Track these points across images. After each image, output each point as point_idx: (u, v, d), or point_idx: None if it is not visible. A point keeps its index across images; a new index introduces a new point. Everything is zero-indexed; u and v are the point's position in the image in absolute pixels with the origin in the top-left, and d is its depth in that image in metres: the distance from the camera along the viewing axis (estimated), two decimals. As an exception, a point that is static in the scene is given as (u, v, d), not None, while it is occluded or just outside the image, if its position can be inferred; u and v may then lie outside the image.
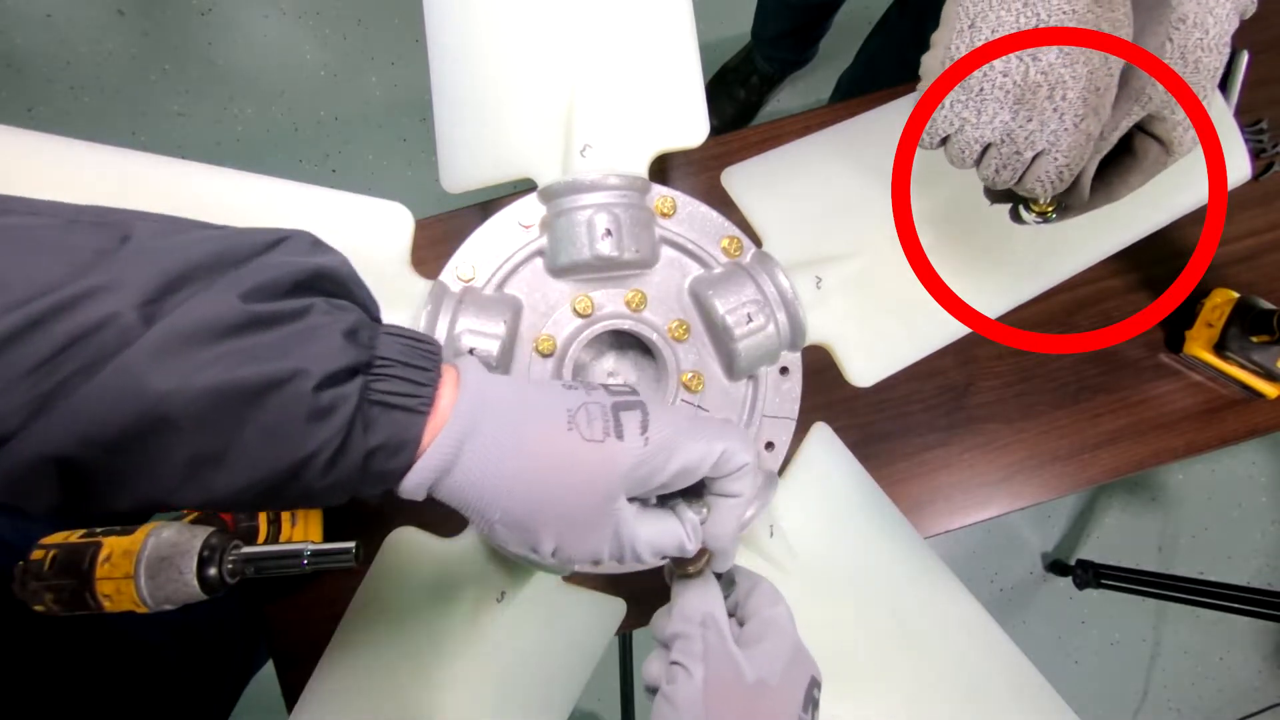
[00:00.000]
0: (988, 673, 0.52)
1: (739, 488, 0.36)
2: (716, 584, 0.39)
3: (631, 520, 0.34)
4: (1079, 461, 0.73)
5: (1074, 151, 0.37)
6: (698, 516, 0.37)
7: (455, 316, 0.46)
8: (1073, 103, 0.36)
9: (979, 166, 0.40)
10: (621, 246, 0.47)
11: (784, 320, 0.49)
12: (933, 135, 0.40)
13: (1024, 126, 0.37)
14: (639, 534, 0.35)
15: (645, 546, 0.35)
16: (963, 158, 0.40)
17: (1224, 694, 1.62)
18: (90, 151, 0.46)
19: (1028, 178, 0.39)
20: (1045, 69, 0.36)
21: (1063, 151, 0.37)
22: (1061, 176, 0.38)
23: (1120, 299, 0.74)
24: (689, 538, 0.36)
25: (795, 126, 0.74)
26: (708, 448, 0.35)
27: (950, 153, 0.40)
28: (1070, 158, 0.37)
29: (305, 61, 1.51)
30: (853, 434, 0.56)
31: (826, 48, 1.43)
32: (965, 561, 1.59)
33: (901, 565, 0.53)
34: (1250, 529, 1.63)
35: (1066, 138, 0.37)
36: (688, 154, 0.70)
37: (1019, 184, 0.39)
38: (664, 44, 0.51)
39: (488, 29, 0.50)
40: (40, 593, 0.47)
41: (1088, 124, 0.37)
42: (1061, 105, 0.36)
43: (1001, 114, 0.38)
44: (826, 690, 0.40)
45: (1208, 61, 0.38)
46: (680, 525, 0.36)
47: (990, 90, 0.37)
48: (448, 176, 0.50)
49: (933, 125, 0.39)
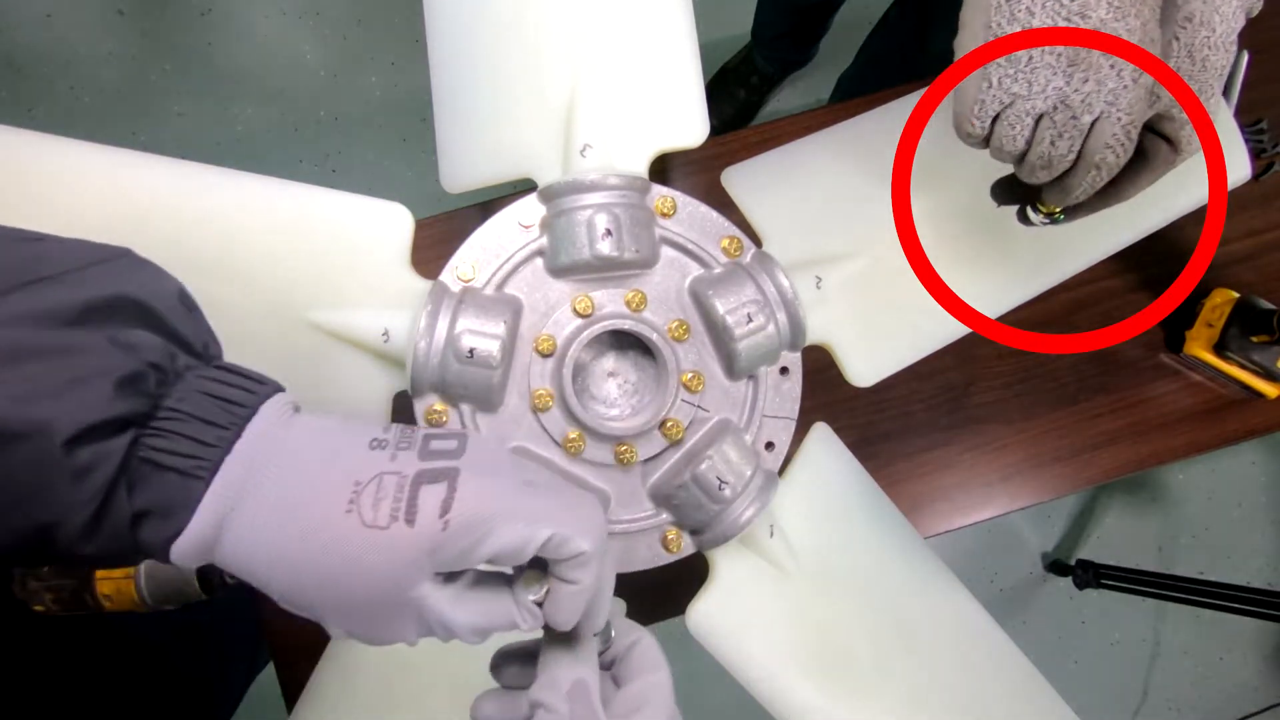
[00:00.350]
0: (988, 673, 0.52)
1: (577, 576, 0.30)
2: (592, 644, 0.34)
3: (442, 604, 0.29)
4: (1079, 461, 0.73)
5: (1136, 107, 0.36)
6: (536, 595, 0.31)
7: (455, 317, 0.46)
8: (1125, 63, 0.35)
9: (1031, 146, 0.38)
10: (621, 246, 0.47)
11: (784, 320, 0.49)
12: (983, 117, 0.38)
13: (1079, 90, 0.36)
14: (454, 619, 0.30)
15: (465, 629, 0.30)
16: (1013, 135, 0.38)
17: (1224, 694, 1.62)
18: (90, 151, 0.46)
19: (1092, 144, 0.37)
20: (1098, 24, 0.35)
21: (1123, 110, 0.36)
22: (1129, 135, 0.37)
23: (1120, 299, 0.74)
24: (523, 619, 0.31)
25: (795, 126, 0.74)
26: (528, 533, 0.29)
27: (1000, 133, 0.38)
28: (1134, 114, 0.36)
29: (305, 61, 1.51)
30: (853, 434, 0.56)
31: (827, 48, 1.43)
32: (965, 561, 1.59)
33: (901, 565, 0.53)
34: (1250, 529, 1.63)
35: (1126, 95, 0.36)
36: (688, 154, 0.70)
37: (1081, 157, 0.38)
38: (664, 44, 0.51)
39: (488, 29, 0.50)
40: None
41: (1146, 78, 0.35)
42: (1119, 62, 0.35)
43: (1055, 80, 0.36)
44: (827, 690, 0.40)
45: (1215, 60, 0.38)
46: (513, 605, 0.31)
47: (1041, 58, 0.36)
48: (448, 176, 0.50)
49: (981, 107, 0.37)
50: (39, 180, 0.45)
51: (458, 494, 0.29)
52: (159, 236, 0.46)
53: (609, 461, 0.49)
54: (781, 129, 0.74)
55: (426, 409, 0.48)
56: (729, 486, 0.47)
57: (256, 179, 0.48)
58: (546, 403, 0.48)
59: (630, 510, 0.49)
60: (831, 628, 0.50)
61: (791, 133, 0.65)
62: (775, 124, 0.75)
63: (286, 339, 0.47)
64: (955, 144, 0.44)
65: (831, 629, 0.50)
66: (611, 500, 0.49)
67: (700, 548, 0.50)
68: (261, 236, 0.47)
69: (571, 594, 0.31)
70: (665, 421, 0.48)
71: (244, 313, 0.46)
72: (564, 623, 0.31)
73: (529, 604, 0.31)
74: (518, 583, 0.32)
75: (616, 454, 0.48)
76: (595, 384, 0.51)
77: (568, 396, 0.47)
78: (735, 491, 0.47)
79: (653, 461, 0.49)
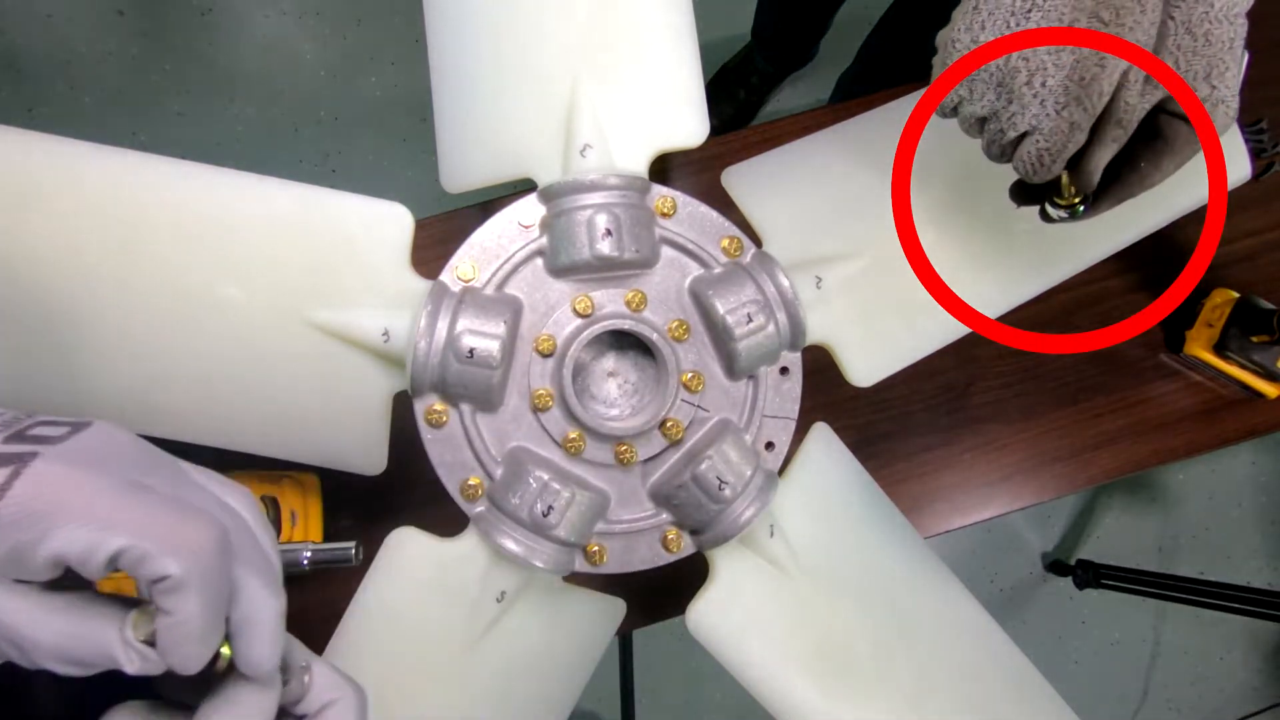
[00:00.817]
0: (988, 673, 0.52)
1: (171, 605, 0.24)
2: (253, 698, 0.27)
3: (15, 613, 0.24)
4: (1079, 461, 0.73)
5: (1055, 137, 0.38)
6: (143, 629, 0.25)
7: (455, 316, 0.46)
8: (1053, 90, 0.37)
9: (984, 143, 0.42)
10: (621, 246, 0.47)
11: (784, 320, 0.49)
12: (943, 105, 0.42)
13: (1006, 108, 0.39)
14: (28, 631, 0.24)
15: (48, 655, 0.24)
16: (966, 129, 0.42)
17: (1224, 694, 1.62)
18: (90, 151, 0.46)
19: (1014, 158, 0.40)
20: (1027, 55, 0.37)
21: (1044, 135, 0.38)
22: (1042, 160, 0.39)
23: (1120, 299, 0.74)
24: (126, 657, 0.24)
25: (795, 126, 0.74)
26: (95, 538, 0.23)
27: (959, 123, 0.42)
28: (1051, 142, 0.38)
29: (305, 61, 1.51)
30: (853, 434, 0.56)
31: (826, 48, 1.43)
32: (965, 561, 1.59)
33: (902, 565, 0.53)
34: (1250, 529, 1.63)
35: (1048, 123, 0.38)
36: (688, 154, 0.70)
37: (1010, 163, 0.41)
38: (664, 44, 0.51)
39: (488, 28, 0.50)
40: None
41: (1070, 112, 0.37)
42: (1042, 91, 0.37)
43: (988, 94, 0.39)
44: (827, 690, 0.40)
45: (1219, 33, 0.38)
46: (115, 635, 0.25)
47: (979, 73, 0.39)
48: (447, 176, 0.50)
49: (945, 98, 0.42)
50: (38, 180, 0.45)
51: (18, 481, 0.23)
52: (159, 237, 0.46)
53: (609, 461, 0.49)
54: (781, 129, 0.74)
55: (426, 409, 0.48)
56: (729, 486, 0.47)
57: (256, 179, 0.48)
58: (546, 403, 0.48)
59: (630, 510, 0.50)
60: (831, 628, 0.50)
61: (791, 133, 0.65)
62: (775, 124, 0.75)
63: (286, 339, 0.47)
64: (956, 144, 0.44)
65: (831, 629, 0.50)
66: (612, 500, 0.49)
67: (700, 548, 0.50)
68: (261, 236, 0.47)
69: (169, 627, 0.24)
70: (665, 421, 0.48)
71: (244, 313, 0.46)
72: (180, 665, 0.25)
73: (132, 639, 0.25)
74: (132, 612, 0.25)
75: (616, 454, 0.48)
76: (595, 384, 0.51)
77: (568, 396, 0.47)
78: (735, 491, 0.47)
79: (653, 461, 0.49)
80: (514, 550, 0.47)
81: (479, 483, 0.48)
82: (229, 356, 0.47)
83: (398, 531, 0.49)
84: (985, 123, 0.41)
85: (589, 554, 0.49)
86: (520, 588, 0.49)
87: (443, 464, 0.48)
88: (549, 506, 0.46)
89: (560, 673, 0.52)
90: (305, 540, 0.65)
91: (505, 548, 0.47)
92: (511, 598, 0.49)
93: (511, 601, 0.49)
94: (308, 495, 0.67)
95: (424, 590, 0.49)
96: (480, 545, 0.49)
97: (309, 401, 0.48)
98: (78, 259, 0.45)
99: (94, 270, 0.45)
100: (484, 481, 0.48)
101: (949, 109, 0.42)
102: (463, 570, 0.49)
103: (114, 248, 0.45)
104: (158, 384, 0.47)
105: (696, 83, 0.51)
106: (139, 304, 0.46)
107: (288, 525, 0.64)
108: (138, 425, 0.47)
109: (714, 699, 1.54)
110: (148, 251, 0.46)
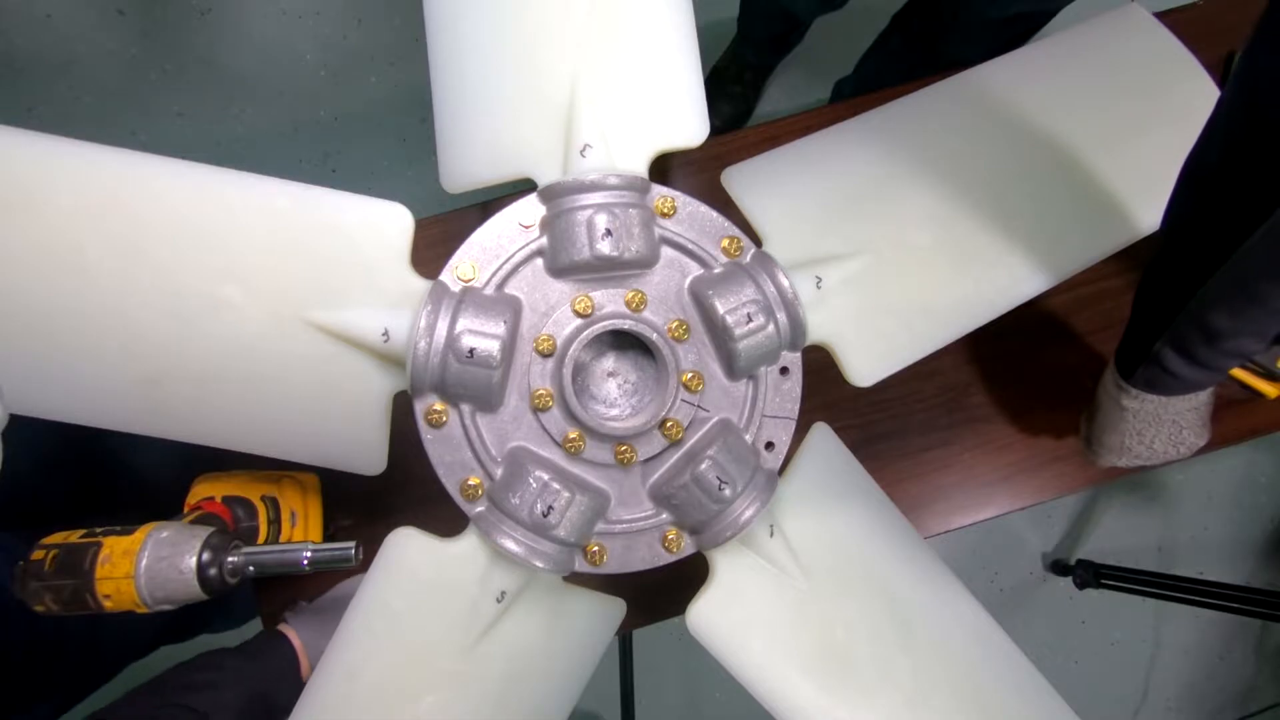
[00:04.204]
0: (988, 672, 0.52)
1: None
2: None
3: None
4: (1079, 461, 0.73)
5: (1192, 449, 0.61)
6: None
7: (455, 317, 0.46)
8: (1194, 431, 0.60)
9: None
10: (621, 246, 0.47)
11: (784, 320, 0.49)
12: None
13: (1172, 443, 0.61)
14: None
15: None
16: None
17: (1224, 694, 1.62)
18: (90, 151, 0.46)
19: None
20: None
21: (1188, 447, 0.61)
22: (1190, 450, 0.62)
23: (1120, 299, 0.74)
24: None
25: (795, 126, 0.74)
26: None
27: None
28: (1191, 450, 0.61)
29: (305, 61, 1.51)
30: (853, 434, 0.56)
31: (826, 48, 1.43)
32: (965, 561, 1.59)
33: (902, 565, 0.53)
34: (1250, 529, 1.63)
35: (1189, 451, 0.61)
36: (688, 154, 0.70)
37: None
38: (664, 44, 0.51)
39: (488, 29, 0.50)
40: (40, 593, 0.47)
41: (1200, 440, 0.61)
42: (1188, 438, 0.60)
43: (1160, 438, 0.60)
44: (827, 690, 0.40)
45: None
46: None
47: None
48: (448, 176, 0.50)
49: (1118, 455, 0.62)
50: (38, 180, 0.45)
51: None
52: (159, 237, 0.46)
53: (609, 461, 0.49)
54: (781, 129, 0.74)
55: (426, 409, 0.48)
56: (729, 486, 0.47)
57: (256, 178, 0.48)
58: (546, 403, 0.48)
59: (630, 510, 0.50)
60: (831, 627, 0.50)
61: (791, 133, 0.65)
62: (775, 124, 0.75)
63: (286, 339, 0.47)
64: (960, 143, 0.44)
65: (831, 628, 0.50)
66: (612, 500, 0.49)
67: (700, 548, 0.50)
68: (261, 236, 0.47)
69: None
70: (665, 421, 0.48)
71: (244, 313, 0.46)
72: None
73: None
74: None
75: (616, 454, 0.48)
76: (595, 384, 0.51)
77: (568, 396, 0.47)
78: (735, 491, 0.47)
79: (653, 461, 0.49)
80: (514, 550, 0.47)
81: (479, 483, 0.48)
82: (229, 356, 0.47)
83: (397, 531, 0.49)
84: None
85: (589, 554, 0.49)
86: (520, 588, 0.49)
87: (443, 464, 0.48)
88: (549, 506, 0.46)
89: (560, 673, 0.52)
90: (305, 540, 0.65)
91: (505, 548, 0.47)
92: (511, 598, 0.49)
93: (511, 602, 0.49)
94: (308, 495, 0.67)
95: (424, 590, 0.49)
96: (480, 545, 0.49)
97: (309, 402, 0.48)
98: (78, 259, 0.45)
99: (94, 270, 0.45)
100: (484, 481, 0.48)
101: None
102: (463, 570, 0.49)
103: (114, 247, 0.45)
104: (158, 384, 0.47)
105: (697, 82, 0.51)
106: (139, 304, 0.46)
107: (288, 525, 0.64)
108: (138, 425, 0.48)
109: (714, 699, 1.54)
110: (148, 251, 0.46)
